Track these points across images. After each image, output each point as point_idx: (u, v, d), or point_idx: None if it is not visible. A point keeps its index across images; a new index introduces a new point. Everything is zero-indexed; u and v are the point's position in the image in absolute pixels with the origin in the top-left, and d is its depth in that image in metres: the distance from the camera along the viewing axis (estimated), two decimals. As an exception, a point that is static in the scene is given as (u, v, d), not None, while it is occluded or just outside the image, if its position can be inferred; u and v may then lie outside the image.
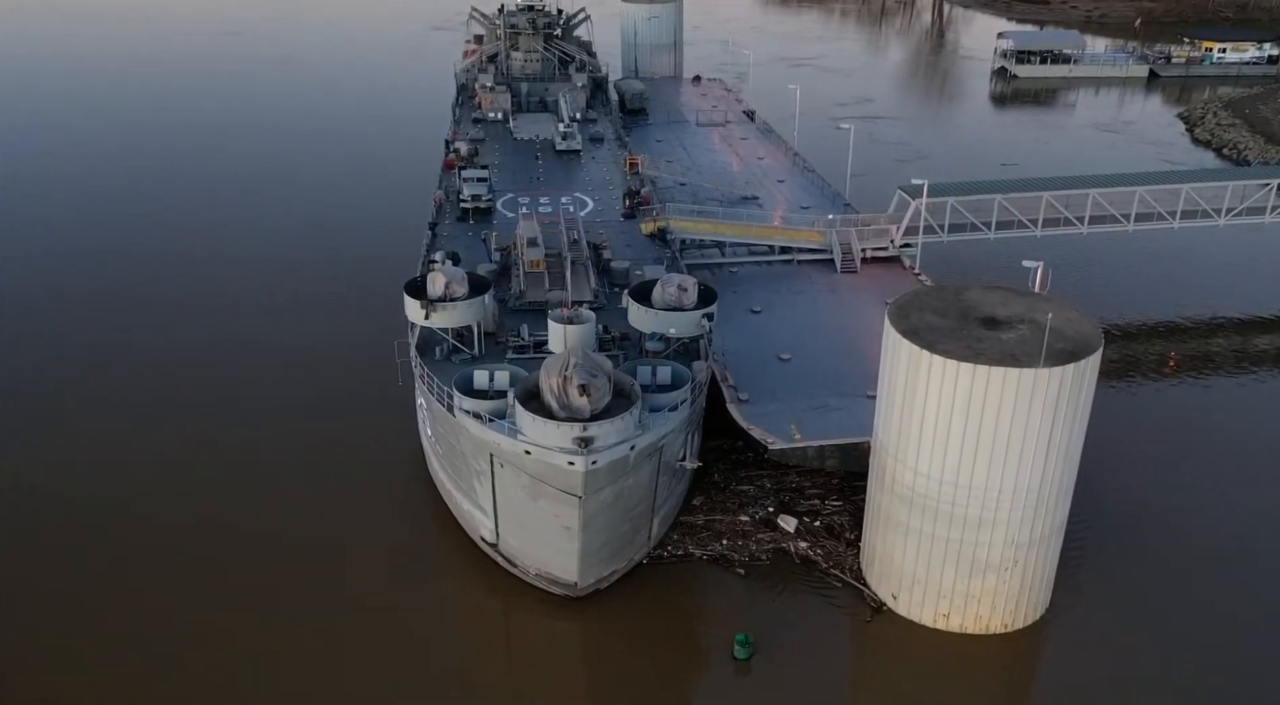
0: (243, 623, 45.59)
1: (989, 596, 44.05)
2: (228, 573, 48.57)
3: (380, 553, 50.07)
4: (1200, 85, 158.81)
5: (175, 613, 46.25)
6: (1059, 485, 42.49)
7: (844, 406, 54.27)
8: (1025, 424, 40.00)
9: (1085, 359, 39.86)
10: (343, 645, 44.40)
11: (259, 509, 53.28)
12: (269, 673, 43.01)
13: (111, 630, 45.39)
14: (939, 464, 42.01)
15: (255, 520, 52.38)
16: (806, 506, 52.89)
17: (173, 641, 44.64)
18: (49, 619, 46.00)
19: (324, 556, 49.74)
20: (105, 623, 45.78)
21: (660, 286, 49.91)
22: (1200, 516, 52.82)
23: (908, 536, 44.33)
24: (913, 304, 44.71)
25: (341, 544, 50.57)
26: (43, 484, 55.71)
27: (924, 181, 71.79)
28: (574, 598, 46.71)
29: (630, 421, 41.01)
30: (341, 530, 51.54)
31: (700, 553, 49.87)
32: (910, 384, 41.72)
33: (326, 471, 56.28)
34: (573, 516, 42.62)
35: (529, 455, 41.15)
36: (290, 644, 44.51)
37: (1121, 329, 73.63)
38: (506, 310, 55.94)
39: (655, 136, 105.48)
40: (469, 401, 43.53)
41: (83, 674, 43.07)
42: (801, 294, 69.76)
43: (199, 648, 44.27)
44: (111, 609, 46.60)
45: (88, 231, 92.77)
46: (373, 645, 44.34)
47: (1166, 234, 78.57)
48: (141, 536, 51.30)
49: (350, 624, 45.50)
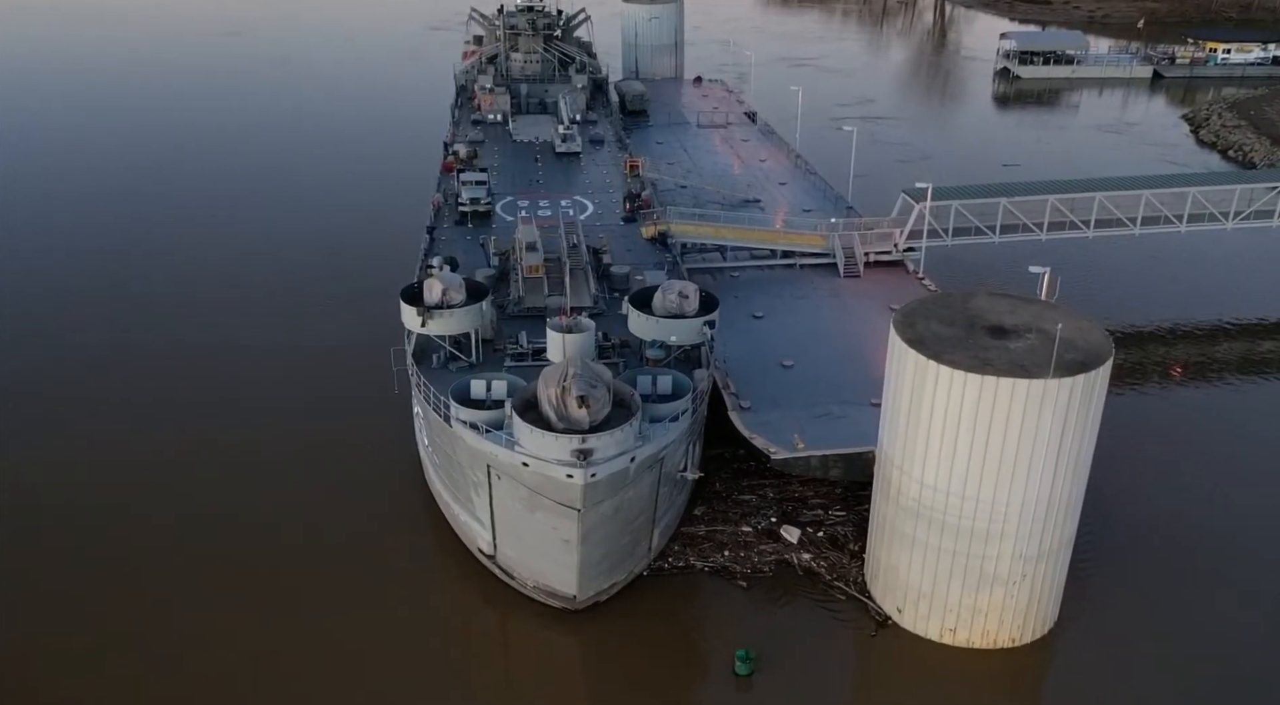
0: (237, 628, 45.09)
1: (996, 611, 43.17)
2: (218, 579, 47.99)
3: (376, 563, 49.23)
4: (1204, 86, 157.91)
5: (171, 616, 45.85)
6: (1068, 498, 41.60)
7: (847, 415, 53.36)
8: (1034, 436, 39.12)
9: (1096, 370, 38.98)
10: (336, 657, 43.59)
11: (252, 516, 52.59)
12: (263, 682, 42.26)
13: (111, 629, 45.22)
14: (945, 476, 41.14)
15: (247, 529, 51.58)
16: (810, 516, 52.00)
17: (165, 645, 44.26)
18: (47, 619, 45.76)
19: (318, 566, 48.96)
20: (105, 622, 45.60)
21: (661, 293, 49.00)
22: (1209, 526, 51.96)
23: (913, 549, 43.45)
24: (919, 312, 43.81)
25: (336, 554, 49.78)
26: (41, 484, 55.45)
27: (928, 185, 70.83)
28: (573, 611, 45.84)
29: (630, 433, 40.11)
30: (336, 540, 50.75)
31: (702, 564, 48.98)
32: (916, 394, 40.84)
33: (323, 478, 55.52)
34: (571, 529, 41.74)
35: (526, 467, 40.26)
36: (282, 656, 43.67)
37: (1127, 333, 72.70)
38: (505, 316, 55.08)
39: (656, 138, 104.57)
40: (465, 412, 42.66)
41: (81, 674, 42.80)
42: (804, 299, 68.84)
43: (194, 650, 43.93)
44: (111, 608, 46.40)
45: (86, 232, 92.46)
46: (366, 658, 43.50)
47: (1173, 237, 77.70)
48: (139, 537, 51.04)
49: (343, 636, 44.69)
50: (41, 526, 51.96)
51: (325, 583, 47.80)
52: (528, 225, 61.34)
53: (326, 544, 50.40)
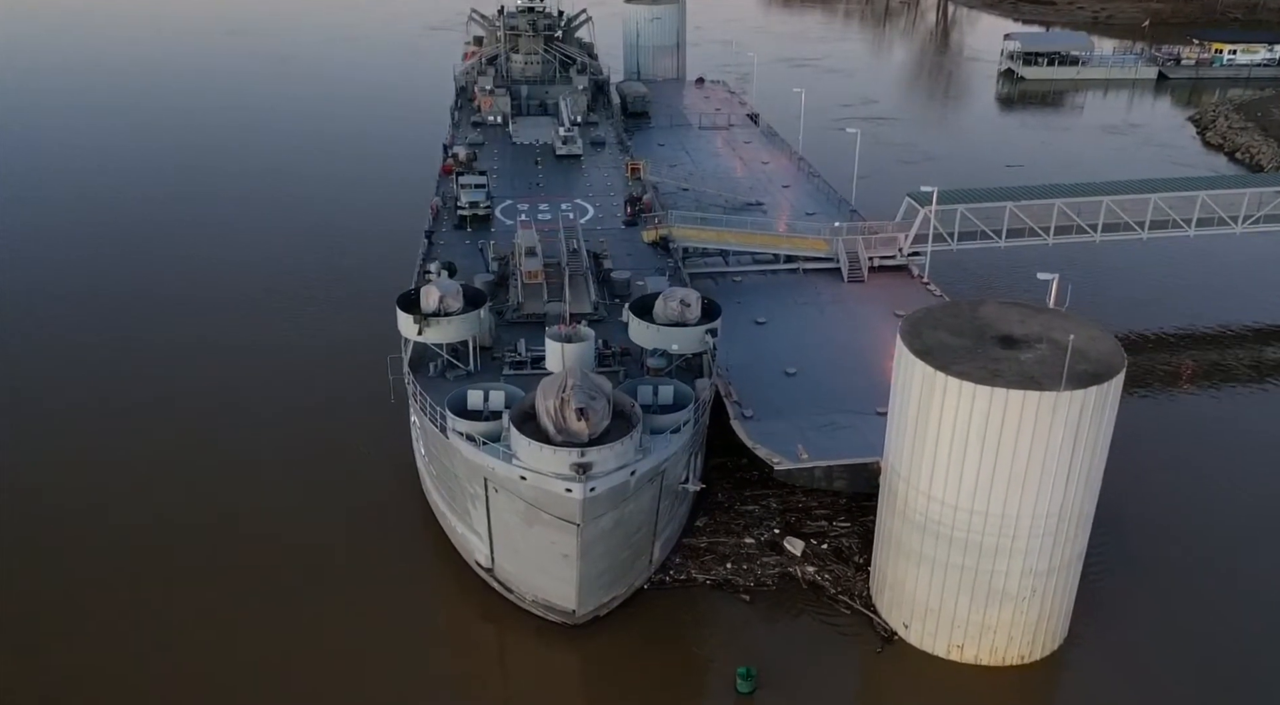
0: (232, 636, 44.31)
1: (1005, 627, 42.16)
2: (213, 587, 47.18)
3: (372, 574, 48.19)
4: (1210, 87, 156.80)
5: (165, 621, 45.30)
6: (1080, 511, 40.59)
7: (852, 424, 52.37)
8: (1045, 449, 38.10)
9: (1108, 381, 37.96)
10: (331, 670, 42.59)
11: (247, 524, 51.63)
12: (257, 694, 41.43)
13: (102, 631, 44.75)
14: (954, 489, 40.13)
15: (242, 537, 50.66)
16: (814, 528, 50.94)
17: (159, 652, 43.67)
18: (45, 618, 45.29)
19: (311, 574, 47.95)
20: (97, 623, 45.20)
21: (662, 301, 48.03)
22: (1224, 536, 50.88)
23: (920, 564, 42.45)
24: (926, 322, 42.77)
25: (332, 562, 48.81)
26: (35, 484, 55.04)
27: (933, 189, 69.83)
28: (572, 626, 44.86)
29: (630, 446, 39.11)
30: (332, 549, 49.79)
31: (703, 577, 47.96)
32: (924, 406, 39.83)
33: (319, 485, 54.61)
34: (570, 544, 40.76)
35: (524, 481, 39.29)
36: (276, 669, 42.65)
37: (1135, 339, 71.65)
38: (504, 323, 54.18)
39: (658, 140, 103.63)
40: (462, 423, 41.65)
41: (79, 673, 42.36)
42: (807, 304, 67.83)
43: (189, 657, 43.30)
44: (101, 610, 45.97)
45: (85, 231, 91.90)
46: (360, 672, 42.52)
47: (1182, 242, 76.64)
48: (128, 539, 50.57)
49: (338, 649, 43.71)
50: (37, 527, 51.52)
51: (319, 593, 46.78)
52: (527, 230, 60.27)
53: (321, 552, 49.39)
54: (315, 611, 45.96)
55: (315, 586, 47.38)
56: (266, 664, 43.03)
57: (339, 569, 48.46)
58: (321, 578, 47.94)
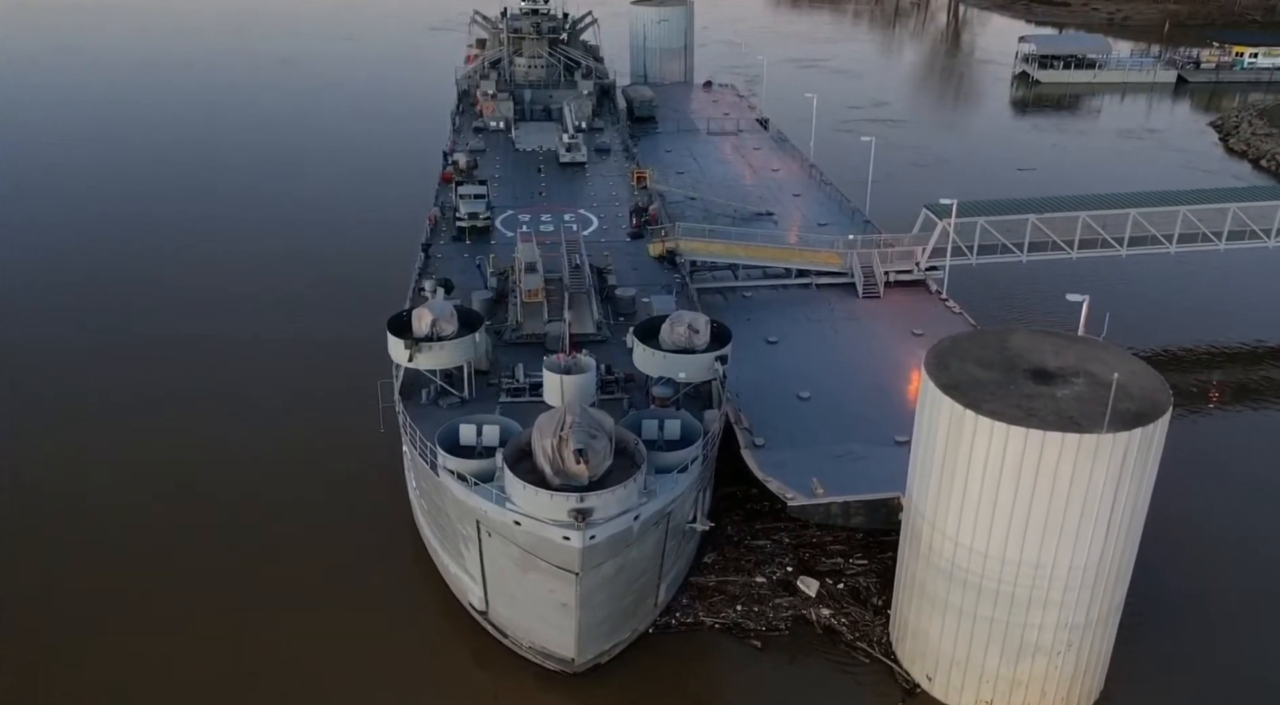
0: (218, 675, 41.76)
1: (1038, 682, 39.11)
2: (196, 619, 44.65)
3: (361, 615, 45.12)
4: (1230, 91, 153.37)
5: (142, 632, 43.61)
6: (1120, 561, 37.52)
7: (869, 455, 49.34)
8: (1085, 495, 35.03)
9: (1154, 422, 34.90)
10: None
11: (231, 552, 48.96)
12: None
13: (97, 631, 43.77)
14: (984, 536, 37.06)
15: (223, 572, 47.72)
16: (829, 565, 47.87)
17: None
18: (42, 618, 44.35)
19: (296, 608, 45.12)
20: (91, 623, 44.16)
21: (669, 325, 44.90)
22: (1270, 582, 47.62)
23: (946, 613, 39.40)
24: (952, 352, 39.69)
25: (316, 603, 45.75)
26: (33, 483, 53.94)
27: (952, 201, 66.64)
28: (571, 674, 41.88)
29: (634, 489, 36.01)
30: (317, 581, 46.87)
31: (712, 621, 44.91)
32: (951, 446, 36.78)
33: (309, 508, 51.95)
34: (569, 593, 37.75)
35: (519, 526, 36.30)
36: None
37: (1164, 358, 68.44)
38: (502, 343, 51.28)
39: (665, 146, 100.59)
40: (453, 461, 38.64)
41: (75, 673, 41.38)
42: (820, 322, 64.75)
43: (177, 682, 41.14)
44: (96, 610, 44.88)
45: (84, 231, 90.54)
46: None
47: (1212, 255, 73.45)
48: (123, 540, 49.56)
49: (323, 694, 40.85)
50: (35, 526, 50.49)
51: (303, 630, 44.00)
52: (528, 243, 57.18)
53: (307, 585, 46.52)
54: (295, 645, 43.26)
55: (297, 618, 44.68)
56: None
57: (328, 607, 45.36)
58: (305, 610, 45.15)
